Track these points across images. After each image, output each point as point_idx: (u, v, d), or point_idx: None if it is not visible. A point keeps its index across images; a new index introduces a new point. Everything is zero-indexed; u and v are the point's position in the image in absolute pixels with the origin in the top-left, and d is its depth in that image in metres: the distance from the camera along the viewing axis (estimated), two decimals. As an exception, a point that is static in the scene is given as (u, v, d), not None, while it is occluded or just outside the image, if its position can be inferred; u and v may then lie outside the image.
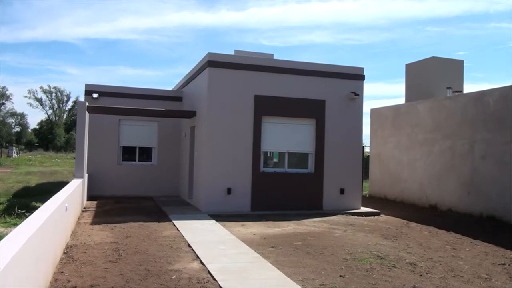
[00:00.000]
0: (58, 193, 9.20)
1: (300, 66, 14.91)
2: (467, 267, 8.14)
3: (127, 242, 9.28)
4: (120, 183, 18.07)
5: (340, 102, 15.21)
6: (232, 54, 15.28)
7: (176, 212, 13.45)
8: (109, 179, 17.95)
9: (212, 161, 13.98)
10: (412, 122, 17.79)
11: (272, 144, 14.76)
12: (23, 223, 5.40)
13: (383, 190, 19.61)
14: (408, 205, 17.42)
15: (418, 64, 19.33)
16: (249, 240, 9.77)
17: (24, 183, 21.99)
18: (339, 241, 10.01)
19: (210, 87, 14.05)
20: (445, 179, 15.93)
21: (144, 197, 17.60)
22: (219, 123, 14.07)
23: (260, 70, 14.49)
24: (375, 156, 20.36)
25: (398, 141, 18.66)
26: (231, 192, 14.04)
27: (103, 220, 11.91)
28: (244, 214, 13.54)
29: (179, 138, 18.95)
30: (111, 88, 18.63)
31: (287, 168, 14.91)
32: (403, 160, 18.26)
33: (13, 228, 5.54)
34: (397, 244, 9.97)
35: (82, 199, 13.92)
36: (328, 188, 14.98)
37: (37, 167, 33.84)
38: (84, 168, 14.13)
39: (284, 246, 9.30)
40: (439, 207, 16.08)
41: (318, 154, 14.98)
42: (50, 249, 6.45)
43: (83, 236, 9.75)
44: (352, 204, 15.16)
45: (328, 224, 12.29)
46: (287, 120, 14.83)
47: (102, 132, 17.91)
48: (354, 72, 15.43)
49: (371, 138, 20.77)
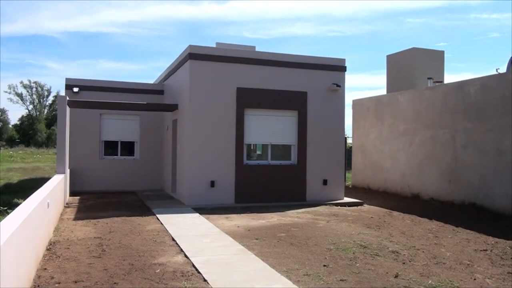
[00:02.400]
0: (39, 189, 9.10)
1: (282, 58, 14.92)
2: (450, 254, 8.28)
3: (111, 237, 9.23)
4: (102, 178, 17.93)
5: (322, 94, 15.27)
6: (213, 47, 15.22)
7: (160, 206, 13.40)
8: (92, 174, 17.80)
9: (195, 154, 13.95)
10: (394, 113, 17.95)
11: (255, 137, 14.77)
12: (4, 220, 5.33)
13: (366, 180, 19.78)
14: (390, 194, 17.61)
15: (399, 55, 19.48)
16: (233, 232, 9.79)
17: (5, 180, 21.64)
18: (323, 231, 10.09)
19: (192, 79, 13.99)
20: (427, 169, 16.14)
21: (127, 191, 17.50)
22: (201, 116, 14.02)
23: (242, 63, 14.46)
24: (357, 147, 20.51)
25: (380, 131, 18.82)
26: (215, 185, 14.04)
27: (86, 216, 11.82)
28: (228, 207, 13.55)
29: (162, 132, 18.85)
30: (92, 82, 18.42)
31: (271, 160, 14.95)
32: (385, 150, 18.43)
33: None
34: (380, 233, 10.08)
35: (64, 195, 13.78)
36: (312, 179, 15.07)
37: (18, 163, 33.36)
38: (66, 164, 13.98)
39: (268, 237, 9.34)
40: (421, 196, 16.30)
41: (300, 146, 15.05)
42: (32, 245, 6.39)
43: (66, 232, 9.66)
44: (335, 195, 15.27)
45: (311, 215, 12.37)
46: (269, 112, 14.85)
47: (83, 127, 17.72)
48: (335, 63, 15.49)
49: (354, 129, 20.91)
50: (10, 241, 4.54)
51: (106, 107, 16.49)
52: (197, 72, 14.04)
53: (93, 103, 15.90)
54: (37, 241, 6.96)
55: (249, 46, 16.50)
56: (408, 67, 18.83)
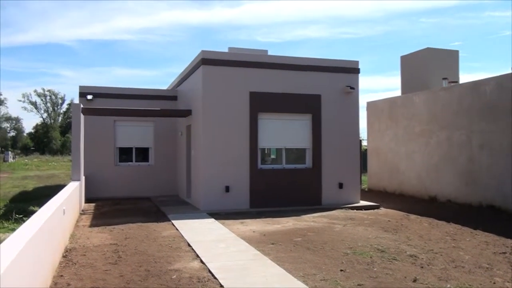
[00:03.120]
0: (55, 196, 9.17)
1: (295, 61, 14.89)
2: (468, 257, 8.16)
3: (126, 243, 9.25)
4: (117, 184, 18.03)
5: (336, 96, 15.20)
6: (226, 52, 15.27)
7: (175, 212, 13.42)
8: (107, 181, 17.90)
9: (209, 160, 13.97)
10: (409, 114, 17.80)
11: (269, 141, 14.74)
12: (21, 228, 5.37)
13: (382, 183, 19.63)
14: (407, 197, 17.45)
15: (413, 56, 19.33)
16: (248, 237, 9.76)
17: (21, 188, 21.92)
18: (339, 235, 10.01)
19: (205, 85, 14.02)
20: (443, 170, 15.96)
21: (142, 197, 17.56)
22: (215, 121, 14.04)
23: (254, 67, 14.46)
24: (372, 149, 20.37)
25: (395, 133, 18.68)
26: (229, 190, 14.03)
27: (101, 222, 11.87)
28: (243, 212, 13.52)
29: (176, 138, 18.91)
30: (106, 89, 18.58)
31: (285, 164, 14.91)
32: (401, 152, 18.28)
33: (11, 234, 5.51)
34: (397, 236, 9.98)
35: (80, 202, 13.89)
36: (327, 183, 14.98)
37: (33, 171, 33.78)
38: (81, 171, 14.09)
39: (284, 242, 9.29)
40: (438, 198, 16.11)
41: (315, 149, 14.98)
42: (48, 252, 6.43)
43: (82, 239, 9.72)
44: (351, 198, 15.17)
45: (327, 219, 12.29)
46: (283, 116, 14.82)
47: (98, 134, 17.85)
48: (349, 65, 15.42)
49: (368, 132, 20.78)
50: (26, 249, 4.57)
51: (120, 114, 16.59)
52: (210, 77, 14.07)
53: (107, 110, 16.01)
54: (53, 248, 7.01)
55: (261, 50, 16.51)
56: (423, 68, 18.67)
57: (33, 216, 6.45)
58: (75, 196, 12.07)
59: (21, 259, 4.26)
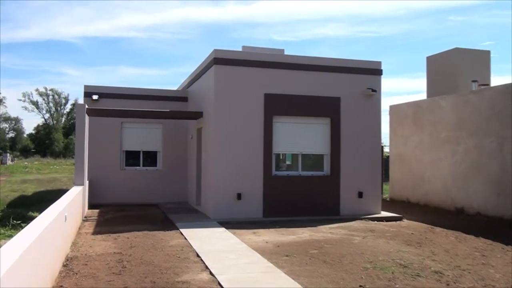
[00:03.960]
0: (56, 201, 9.21)
1: (313, 62, 14.85)
2: (499, 276, 8.01)
3: (131, 252, 9.27)
4: (123, 189, 18.11)
5: (357, 99, 15.13)
6: (239, 51, 15.29)
7: (183, 220, 13.44)
8: (112, 186, 18.00)
9: (220, 165, 13.96)
10: (435, 119, 17.63)
11: (284, 146, 14.70)
12: (19, 234, 5.38)
13: (404, 192, 19.46)
14: (432, 208, 17.28)
15: (440, 57, 19.17)
16: (261, 248, 9.72)
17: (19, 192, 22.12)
18: (358, 248, 9.93)
19: (217, 86, 14.04)
20: (472, 180, 15.76)
21: (149, 204, 17.62)
22: (228, 124, 14.04)
23: (269, 67, 14.46)
24: (395, 156, 20.22)
25: (420, 139, 18.52)
26: (242, 198, 14.00)
27: (105, 230, 11.92)
28: (256, 221, 13.50)
29: (186, 141, 18.96)
30: (112, 89, 18.72)
31: (301, 171, 14.85)
32: (426, 160, 18.11)
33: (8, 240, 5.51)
34: (421, 251, 9.87)
35: (83, 208, 13.96)
36: (346, 192, 14.89)
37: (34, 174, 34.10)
38: (84, 175, 14.17)
39: (299, 254, 9.24)
40: (466, 210, 15.91)
41: (334, 155, 14.90)
42: (48, 261, 6.44)
43: (84, 247, 9.75)
44: (371, 209, 15.05)
45: (346, 230, 12.22)
46: (300, 120, 14.78)
47: (103, 136, 17.97)
48: (370, 66, 15.34)
49: (391, 137, 20.65)
50: (23, 257, 4.56)
51: (127, 115, 16.69)
52: (222, 77, 14.08)
53: (113, 111, 16.11)
54: (53, 257, 7.02)
55: (277, 49, 16.49)
56: (450, 69, 18.50)
57: (32, 222, 6.48)
58: (77, 201, 12.14)
59: (16, 269, 4.25)
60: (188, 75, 19.16)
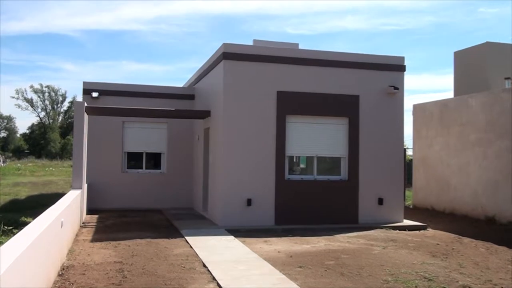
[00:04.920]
0: (52, 206, 9.24)
1: (330, 57, 14.81)
2: (533, 290, 7.90)
3: (133, 261, 9.28)
4: (124, 194, 18.18)
5: (377, 98, 15.06)
6: (251, 45, 15.29)
7: (189, 227, 13.47)
8: (112, 190, 18.07)
9: (229, 168, 13.95)
10: (463, 120, 17.51)
11: (298, 148, 14.68)
12: (10, 241, 5.37)
13: (429, 199, 19.35)
14: (459, 217, 17.16)
15: (470, 52, 19.06)
16: (273, 258, 9.70)
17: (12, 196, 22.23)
18: (379, 259, 9.88)
19: (226, 82, 14.04)
20: (503, 187, 15.62)
21: (152, 210, 17.69)
22: (237, 124, 14.04)
23: (283, 62, 14.43)
24: (419, 160, 20.13)
25: (446, 142, 18.40)
26: (252, 203, 13.98)
27: (105, 237, 11.96)
28: (267, 229, 13.49)
29: (192, 142, 18.99)
30: (113, 86, 18.80)
31: (316, 175, 14.81)
32: (453, 164, 17.98)
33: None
34: (447, 263, 9.79)
35: (81, 213, 14.02)
36: (365, 198, 14.82)
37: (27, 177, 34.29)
38: (83, 178, 14.23)
39: (314, 265, 9.21)
40: (497, 219, 15.77)
41: (352, 158, 14.84)
42: (42, 271, 6.44)
43: (81, 255, 9.78)
44: (392, 216, 14.96)
45: (365, 240, 12.18)
46: (315, 119, 14.74)
47: (103, 136, 18.06)
48: (393, 62, 15.27)
49: (414, 139, 20.55)
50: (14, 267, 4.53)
51: (129, 114, 16.75)
52: (232, 73, 14.08)
53: (114, 110, 16.18)
54: (48, 266, 7.03)
55: (291, 43, 16.50)
56: (481, 65, 18.37)
57: (25, 228, 6.48)
58: (75, 206, 12.18)
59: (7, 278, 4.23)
60: (195, 71, 19.21)
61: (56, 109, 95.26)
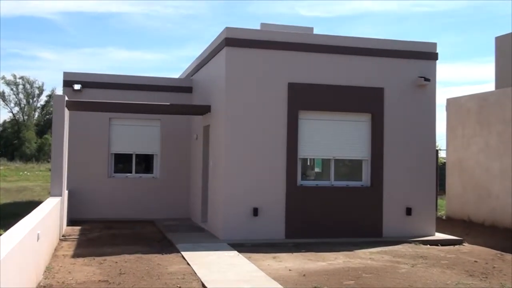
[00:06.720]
0: (27, 216, 9.26)
1: (350, 43, 14.82)
2: None
3: (121, 280, 9.29)
4: (111, 202, 18.23)
5: (405, 91, 15.05)
6: (257, 29, 15.31)
7: (186, 241, 13.48)
8: (97, 197, 18.12)
9: (232, 172, 13.97)
10: (506, 117, 17.46)
11: (312, 148, 14.71)
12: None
13: (466, 209, 19.31)
14: (501, 230, 17.12)
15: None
16: (283, 277, 9.70)
17: (-20, 204, 22.30)
18: (406, 279, 9.88)
19: (229, 73, 14.05)
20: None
21: (143, 220, 17.72)
22: (242, 121, 14.06)
23: (295, 50, 14.44)
24: (454, 163, 20.09)
25: (486, 142, 18.35)
26: (259, 214, 14.00)
27: (88, 252, 11.99)
28: (276, 243, 13.51)
29: (189, 142, 19.04)
30: (99, 77, 18.90)
31: (334, 181, 14.83)
32: (494, 168, 17.93)
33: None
34: (487, 283, 9.77)
35: (60, 224, 14.06)
36: (390, 207, 14.81)
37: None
38: (63, 183, 14.26)
39: (331, 286, 9.20)
40: (544, 232, 15.72)
41: (375, 161, 14.83)
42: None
43: (61, 273, 9.80)
44: (422, 229, 14.95)
45: (390, 256, 12.17)
46: (332, 116, 14.77)
47: (87, 135, 18.11)
48: (423, 49, 15.27)
49: (448, 139, 20.52)
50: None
51: (116, 109, 16.80)
52: (236, 62, 14.10)
53: (99, 105, 16.23)
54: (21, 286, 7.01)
55: (304, 27, 16.53)
56: (526, 54, 18.30)
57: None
58: (54, 216, 12.22)
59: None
60: (193, 60, 19.25)
61: (31, 104, 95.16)
